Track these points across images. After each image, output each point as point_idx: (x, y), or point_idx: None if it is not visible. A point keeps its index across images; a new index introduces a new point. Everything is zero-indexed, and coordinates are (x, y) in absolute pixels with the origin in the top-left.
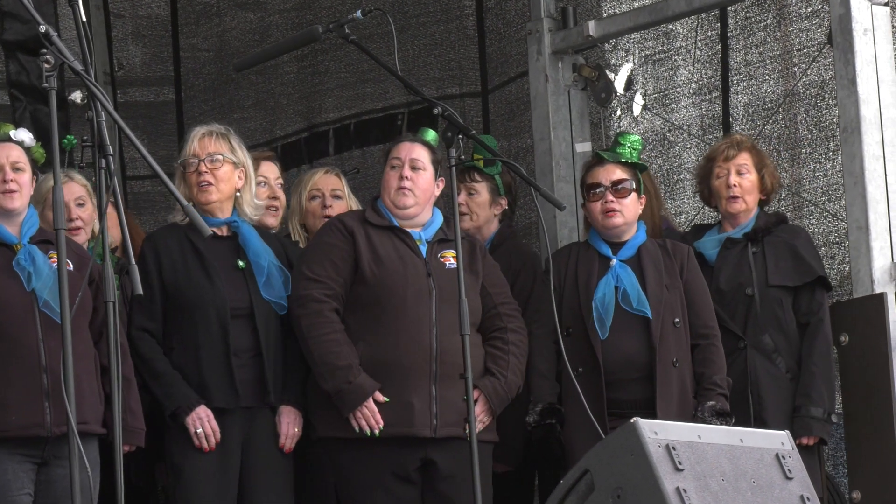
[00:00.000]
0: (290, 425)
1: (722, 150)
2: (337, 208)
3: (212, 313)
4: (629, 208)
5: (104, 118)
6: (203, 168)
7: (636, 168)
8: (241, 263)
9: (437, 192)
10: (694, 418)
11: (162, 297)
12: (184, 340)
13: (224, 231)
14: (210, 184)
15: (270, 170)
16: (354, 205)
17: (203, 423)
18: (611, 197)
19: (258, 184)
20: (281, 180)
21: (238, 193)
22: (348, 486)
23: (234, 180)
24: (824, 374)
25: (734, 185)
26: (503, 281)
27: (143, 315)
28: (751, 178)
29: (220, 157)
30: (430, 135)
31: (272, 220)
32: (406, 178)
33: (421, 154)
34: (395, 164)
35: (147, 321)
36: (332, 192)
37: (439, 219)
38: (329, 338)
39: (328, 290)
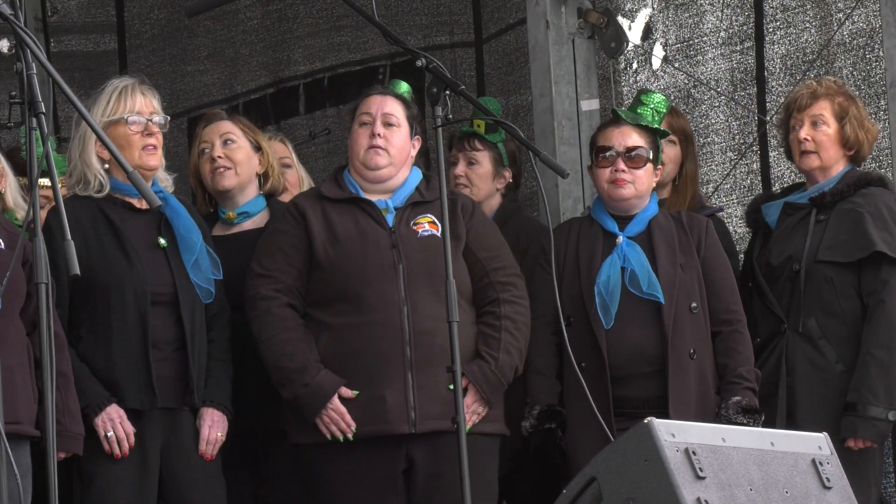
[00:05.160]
0: (211, 429)
1: (796, 98)
2: (289, 179)
3: (129, 298)
4: (642, 180)
5: (35, 70)
6: (153, 129)
7: (657, 134)
8: (162, 241)
9: (414, 153)
10: (717, 417)
11: (69, 278)
12: (94, 329)
13: (144, 204)
14: (156, 147)
15: (214, 130)
16: (304, 174)
17: (115, 424)
18: (622, 165)
19: (200, 151)
20: (233, 136)
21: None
22: (329, 498)
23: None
24: (884, 366)
25: (806, 139)
26: (498, 242)
27: None
28: (828, 131)
29: (164, 119)
30: (403, 87)
31: (226, 182)
32: (378, 135)
33: (394, 108)
34: (364, 121)
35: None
36: (280, 160)
37: (415, 179)
38: (280, 338)
39: (278, 285)
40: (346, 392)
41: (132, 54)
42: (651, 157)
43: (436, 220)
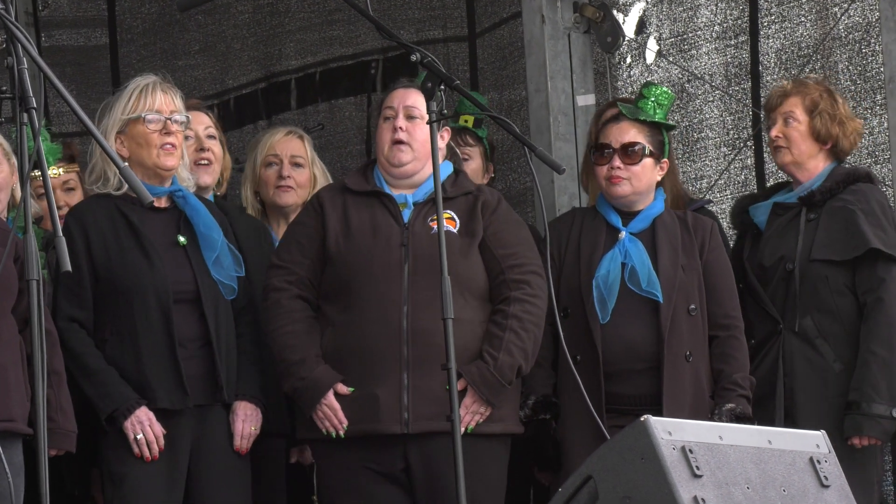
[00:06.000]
0: (245, 423)
1: (769, 98)
2: (297, 178)
3: (151, 298)
4: (640, 176)
5: (26, 65)
6: (173, 127)
7: (661, 127)
8: (181, 239)
9: (443, 145)
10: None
11: (91, 280)
12: (119, 331)
13: (162, 202)
14: (175, 147)
15: (197, 120)
16: (319, 173)
17: (144, 427)
18: (618, 162)
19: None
20: (213, 130)
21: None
22: (328, 493)
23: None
24: (885, 363)
25: (777, 137)
26: (517, 239)
27: (71, 302)
28: (799, 127)
29: (185, 118)
30: None
31: (207, 178)
32: (401, 129)
33: (418, 101)
34: (388, 115)
35: (75, 309)
36: (292, 158)
37: (443, 174)
38: (285, 330)
39: (290, 276)
40: (342, 388)
41: (123, 49)
42: (649, 152)
43: (454, 217)
